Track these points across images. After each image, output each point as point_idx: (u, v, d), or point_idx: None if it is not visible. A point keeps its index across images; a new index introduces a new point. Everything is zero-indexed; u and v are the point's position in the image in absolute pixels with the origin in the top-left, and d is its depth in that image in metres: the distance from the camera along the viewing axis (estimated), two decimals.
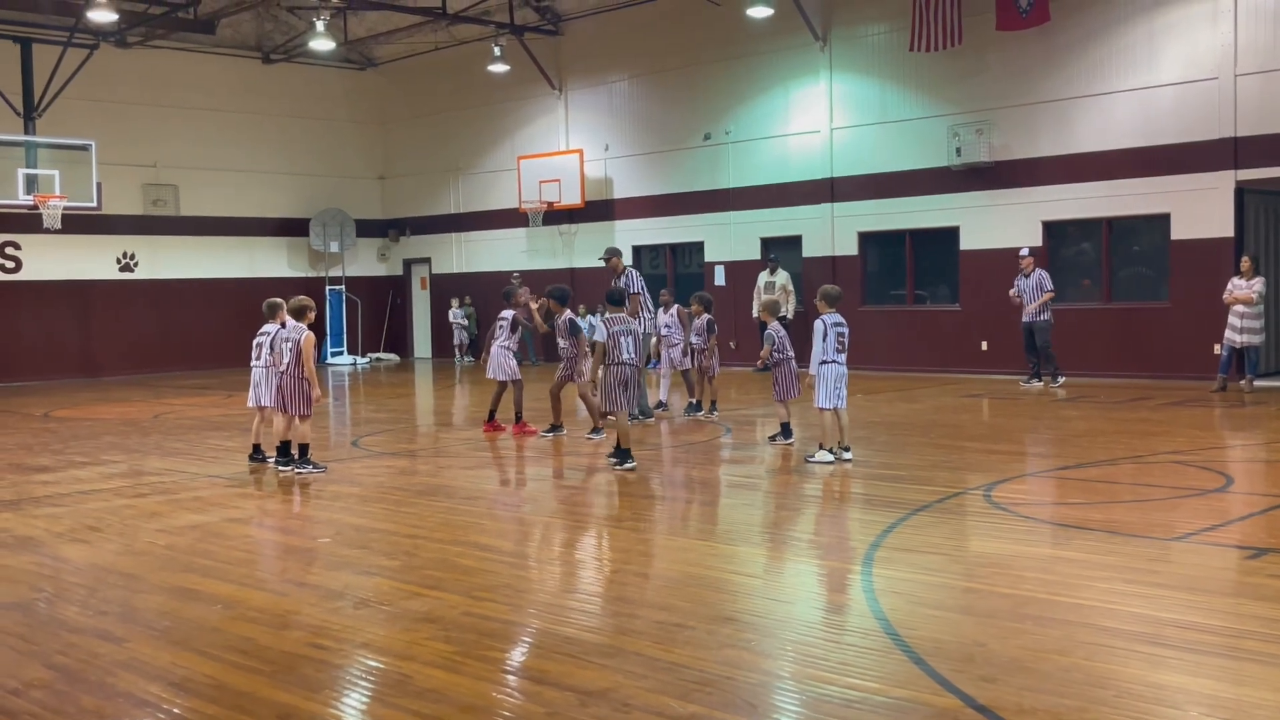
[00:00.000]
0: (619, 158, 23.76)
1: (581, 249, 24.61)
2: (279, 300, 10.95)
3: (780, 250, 21.45)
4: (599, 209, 23.97)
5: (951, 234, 19.30)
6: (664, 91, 22.93)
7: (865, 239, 20.49)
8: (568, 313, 12.67)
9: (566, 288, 13.26)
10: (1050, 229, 18.36)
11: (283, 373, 10.21)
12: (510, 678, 4.81)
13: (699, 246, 22.74)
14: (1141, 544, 6.84)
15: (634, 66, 23.38)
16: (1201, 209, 16.70)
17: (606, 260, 14.17)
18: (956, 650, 4.88)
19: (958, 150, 18.81)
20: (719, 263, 22.18)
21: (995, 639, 5.03)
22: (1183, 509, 8.16)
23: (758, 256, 21.57)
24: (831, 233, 20.69)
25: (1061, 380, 16.95)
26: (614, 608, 5.84)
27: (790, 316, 20.30)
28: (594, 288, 23.74)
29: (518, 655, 5.13)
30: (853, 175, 20.34)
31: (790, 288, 20.55)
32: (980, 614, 5.44)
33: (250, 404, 11.03)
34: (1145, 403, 14.53)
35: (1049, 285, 16.92)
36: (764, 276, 20.73)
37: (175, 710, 4.48)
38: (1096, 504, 8.30)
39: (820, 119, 20.67)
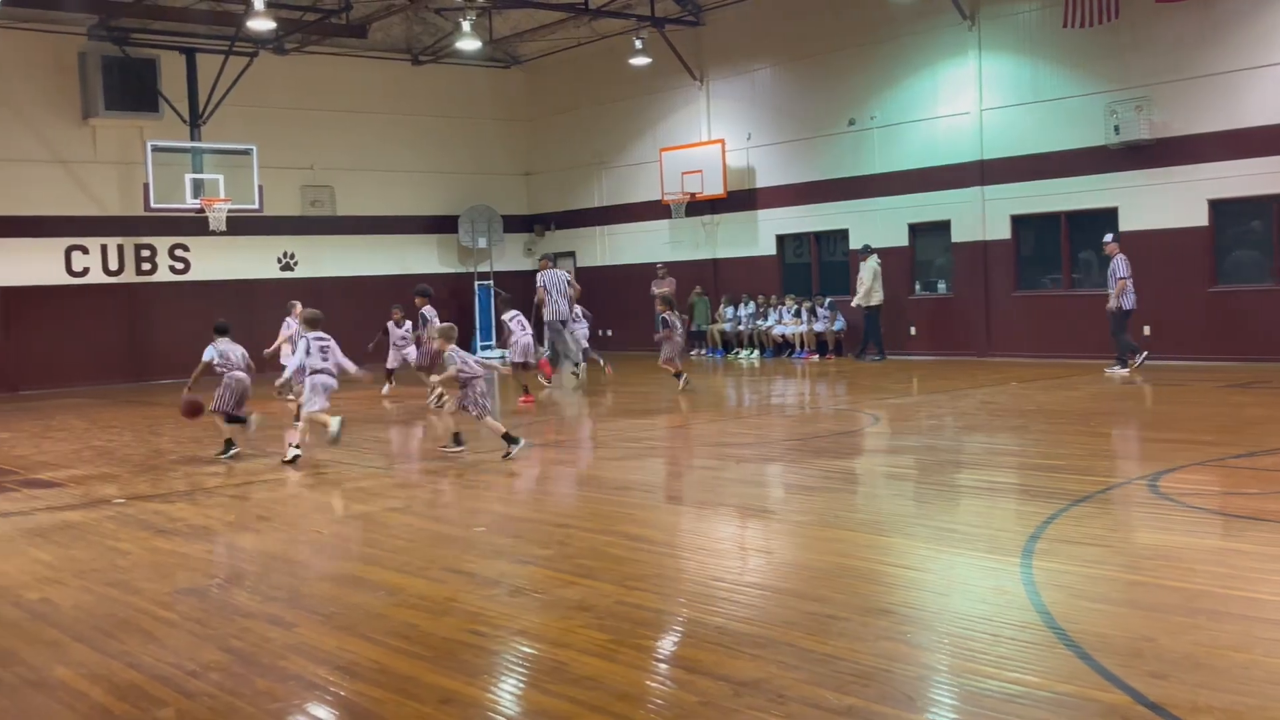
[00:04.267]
0: (761, 146, 23.68)
1: (725, 239, 24.60)
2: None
3: (928, 235, 21.10)
4: (741, 198, 23.92)
5: (1110, 215, 18.66)
6: (806, 78, 22.75)
7: (1018, 222, 19.97)
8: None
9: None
10: (1216, 207, 17.60)
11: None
12: (663, 666, 4.82)
13: (843, 234, 22.49)
14: None
15: (775, 55, 23.26)
16: None
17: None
18: (1124, 645, 4.71)
19: (1116, 128, 18.18)
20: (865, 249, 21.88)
21: (1165, 634, 4.84)
22: None
23: (905, 243, 21.22)
24: (983, 216, 20.22)
25: (1132, 366, 16.51)
26: (765, 598, 5.82)
27: (872, 303, 20.48)
28: (736, 277, 23.74)
29: (670, 644, 5.14)
30: (1004, 157, 19.84)
31: (871, 278, 20.42)
32: (1148, 608, 5.27)
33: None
34: None
35: (1122, 272, 16.56)
36: (864, 265, 20.57)
37: (343, 693, 4.59)
38: (1272, 494, 7.92)
39: (969, 100, 20.23)
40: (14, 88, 21.76)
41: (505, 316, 17.30)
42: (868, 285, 20.52)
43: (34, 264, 22.09)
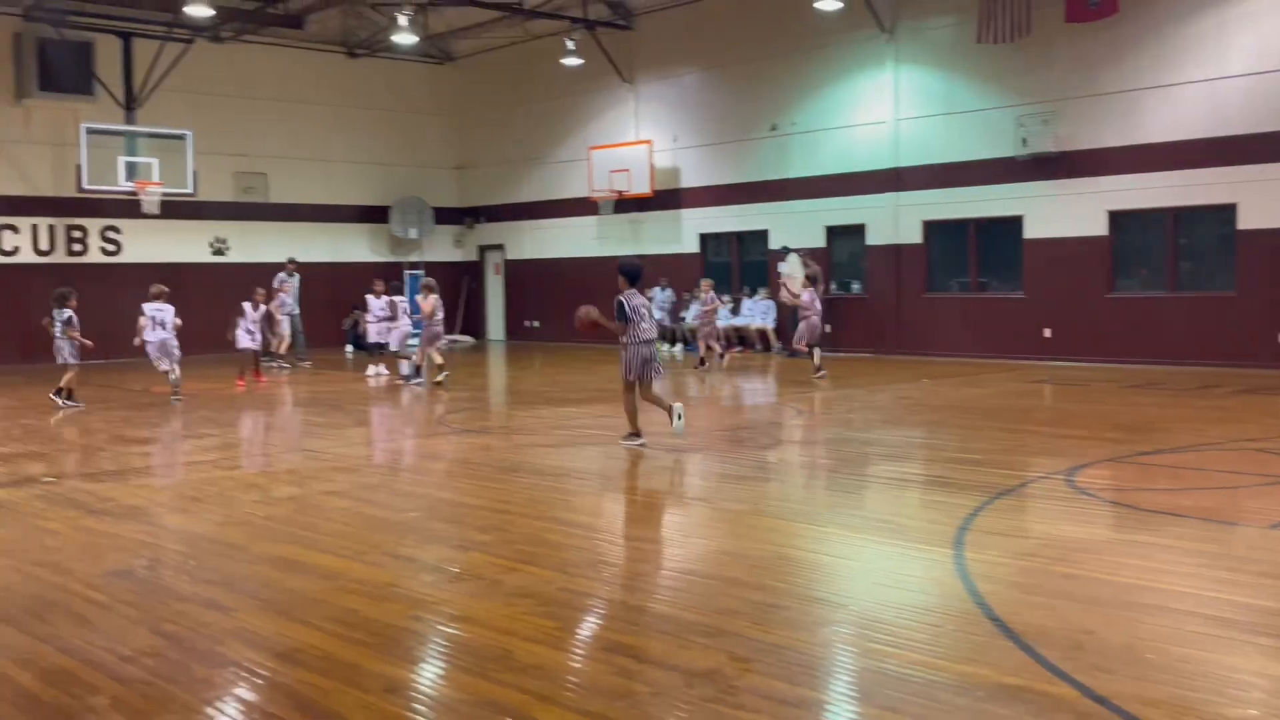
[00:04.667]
0: (687, 148, 24.34)
1: (650, 236, 25.23)
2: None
3: (844, 238, 21.92)
4: (667, 198, 24.56)
5: (1016, 223, 19.59)
6: (732, 84, 23.43)
7: (930, 227, 20.82)
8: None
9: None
10: (1116, 218, 18.57)
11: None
12: (612, 655, 4.75)
13: (763, 235, 23.23)
14: (1239, 531, 6.82)
15: (703, 59, 23.91)
16: (1270, 199, 16.82)
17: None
18: (1064, 638, 4.78)
19: (1024, 140, 19.09)
20: (784, 250, 22.63)
21: (1103, 626, 4.93)
22: (1274, 496, 8.11)
23: (823, 244, 22.00)
24: (896, 221, 21.06)
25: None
26: (708, 586, 5.80)
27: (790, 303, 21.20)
28: (661, 274, 24.37)
29: (617, 632, 5.10)
30: (918, 165, 20.69)
31: (796, 274, 21.21)
32: (1083, 600, 5.35)
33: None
34: (1214, 390, 14.63)
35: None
36: (784, 264, 21.37)
37: (284, 680, 4.51)
38: (1185, 490, 8.25)
39: (886, 110, 21.04)
40: None
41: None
42: (799, 281, 21.19)
43: None
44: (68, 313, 14.71)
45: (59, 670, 4.67)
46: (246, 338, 18.09)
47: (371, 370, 18.57)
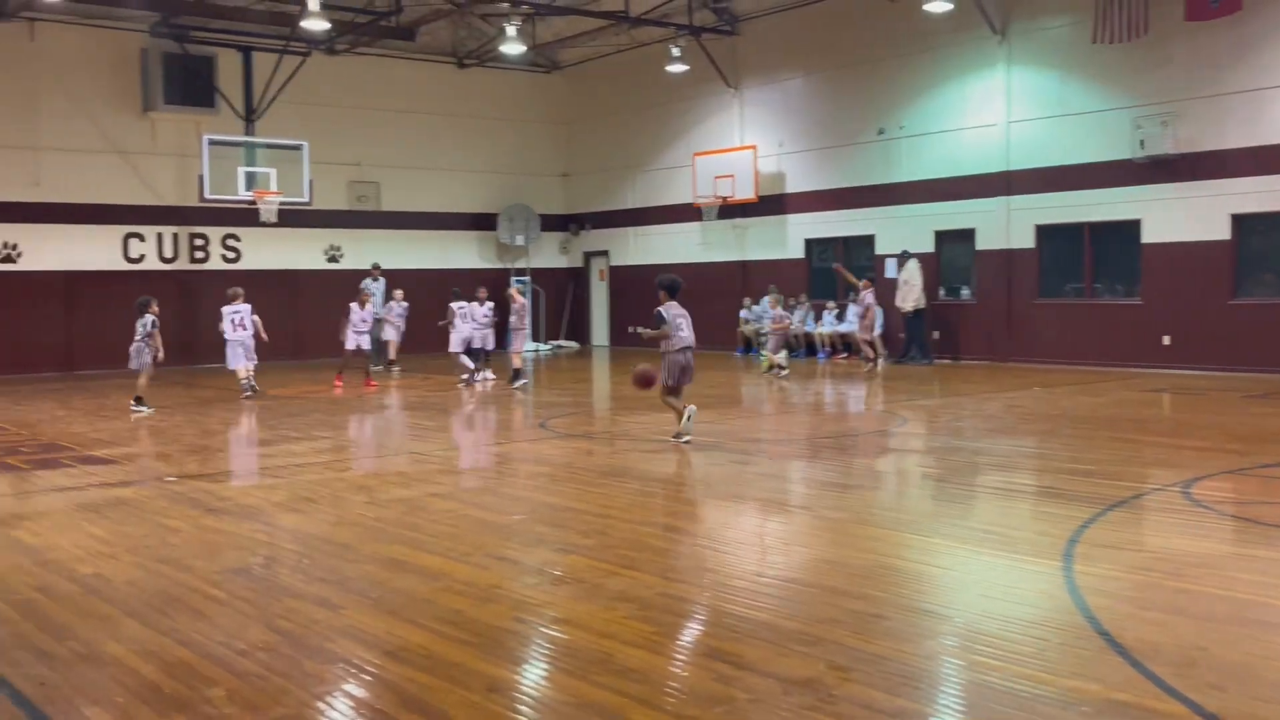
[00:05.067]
0: (792, 153, 24.21)
1: (754, 242, 25.16)
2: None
3: (953, 243, 21.57)
4: (771, 203, 24.46)
5: (1133, 226, 19.03)
6: (838, 87, 23.25)
7: (1042, 232, 20.36)
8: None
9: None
10: (1240, 222, 17.92)
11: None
12: (710, 661, 4.76)
13: (870, 239, 22.98)
14: None
15: (808, 64, 23.77)
16: None
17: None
18: (1176, 653, 4.67)
19: (1141, 142, 18.54)
20: (890, 255, 22.39)
21: (1217, 644, 4.81)
22: None
23: (932, 249, 21.67)
24: (1007, 226, 20.64)
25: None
26: (808, 594, 5.79)
27: (909, 309, 20.60)
28: (765, 279, 24.26)
29: (717, 639, 5.08)
30: (1030, 168, 20.24)
31: (915, 280, 20.75)
32: (1196, 616, 5.22)
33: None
34: None
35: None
36: (903, 270, 20.96)
37: (391, 678, 4.62)
38: None
39: (997, 112, 20.64)
40: (79, 81, 22.75)
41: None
42: (915, 289, 20.88)
43: (94, 250, 23.09)
44: (149, 319, 15.21)
45: (179, 663, 4.84)
46: (355, 339, 18.60)
47: (479, 375, 18.88)
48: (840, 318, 23.05)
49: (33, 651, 5.03)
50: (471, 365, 18.40)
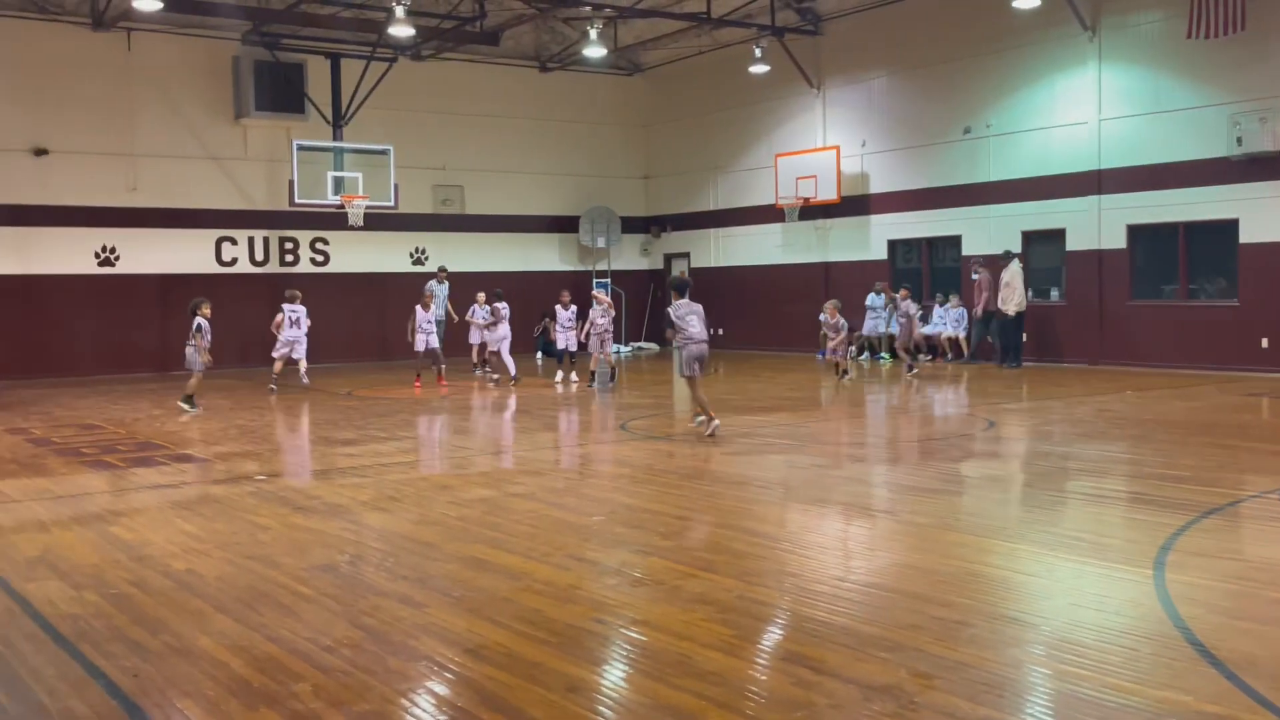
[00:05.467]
0: (875, 153, 23.96)
1: (837, 243, 24.95)
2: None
3: (1042, 244, 21.15)
4: (854, 204, 24.24)
5: (1230, 226, 18.48)
6: (923, 86, 22.95)
7: (1135, 232, 19.87)
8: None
9: None
10: None
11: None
12: (789, 665, 4.72)
13: (956, 240, 22.64)
14: None
15: (893, 63, 23.51)
16: None
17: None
18: (1273, 665, 4.54)
19: (1238, 139, 17.99)
20: (975, 256, 22.03)
21: None
22: None
23: (1020, 249, 21.28)
24: (1098, 225, 20.18)
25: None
26: (890, 600, 5.73)
27: (1012, 312, 20.13)
28: (848, 281, 24.03)
29: (796, 643, 5.05)
30: (1122, 167, 19.77)
31: (1016, 282, 20.28)
32: None
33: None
34: None
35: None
36: (1005, 271, 20.50)
37: (472, 676, 4.67)
38: None
39: (1088, 110, 20.19)
40: (173, 89, 23.40)
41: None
42: (1017, 291, 20.41)
43: (188, 253, 23.73)
44: (199, 321, 15.50)
45: (267, 657, 4.94)
46: (423, 340, 18.90)
47: (559, 376, 19.01)
48: (925, 320, 22.74)
49: (127, 644, 5.18)
50: (512, 366, 18.94)
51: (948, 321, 22.35)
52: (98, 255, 22.85)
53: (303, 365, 18.63)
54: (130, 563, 6.80)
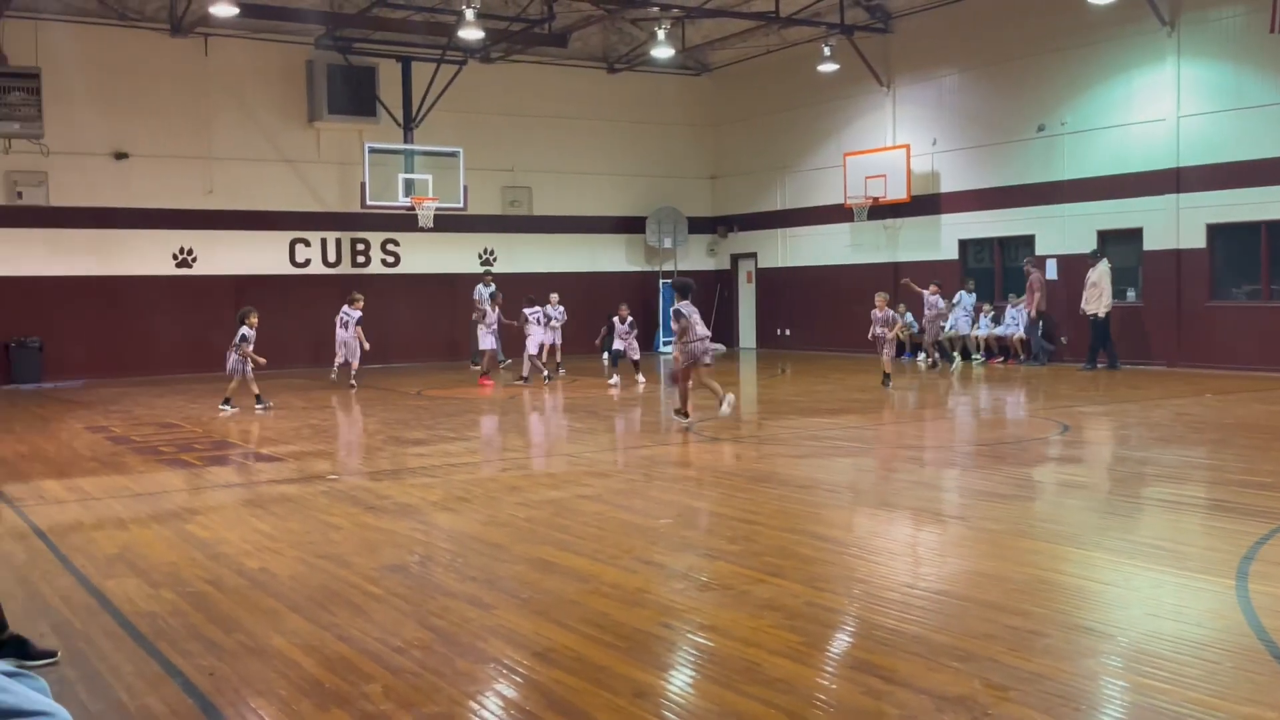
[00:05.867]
0: (946, 151, 23.65)
1: (906, 243, 24.68)
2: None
3: (1118, 244, 20.72)
4: (925, 203, 23.95)
5: None
6: (995, 84, 22.61)
7: (1215, 231, 19.38)
8: None
9: None
10: None
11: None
12: (859, 674, 4.65)
13: (1029, 240, 22.27)
14: None
15: (965, 60, 23.19)
16: None
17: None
18: None
19: None
20: (1050, 256, 21.67)
21: None
22: None
23: (1095, 249, 20.86)
24: (1176, 225, 19.72)
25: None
26: (961, 608, 5.59)
27: (1101, 314, 19.72)
28: (917, 281, 23.75)
29: (866, 651, 4.97)
30: (1202, 164, 19.29)
31: (1105, 284, 19.84)
32: None
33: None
34: None
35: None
36: (1093, 272, 20.07)
37: (540, 680, 4.67)
38: None
39: (1166, 107, 19.73)
40: (249, 93, 23.84)
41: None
42: (1104, 291, 19.98)
43: (262, 254, 24.16)
44: (244, 330, 15.83)
45: (339, 657, 4.99)
46: (485, 339, 19.13)
47: (614, 379, 18.90)
48: (997, 320, 22.41)
49: (203, 642, 5.27)
50: (543, 368, 19.75)
51: (1020, 322, 21.98)
52: (175, 256, 23.36)
53: (351, 368, 19.06)
54: (206, 561, 6.92)
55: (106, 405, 17.22)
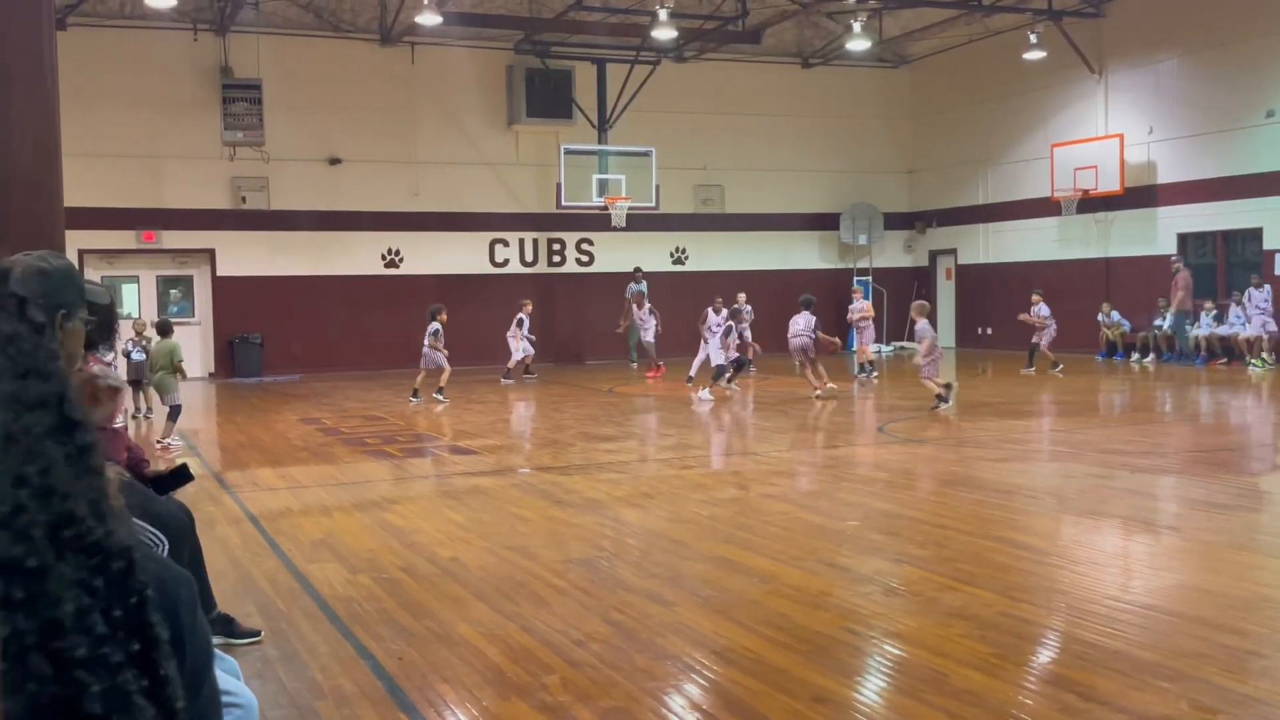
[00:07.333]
0: (1163, 140, 22.31)
1: (1119, 237, 23.43)
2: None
3: None
4: (1139, 195, 22.65)
5: None
6: (1218, 68, 21.17)
7: None
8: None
9: None
10: None
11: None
12: (1055, 690, 4.43)
13: (1256, 233, 20.77)
14: None
15: (1184, 44, 21.81)
16: None
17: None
18: None
19: None
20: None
21: None
22: None
23: None
24: None
25: None
26: (1170, 624, 5.28)
27: None
28: (1130, 278, 22.54)
29: (1061, 665, 4.77)
30: None
31: None
32: None
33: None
34: None
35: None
36: None
37: (717, 679, 4.63)
38: None
39: None
40: (452, 98, 24.68)
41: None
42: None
43: (463, 254, 24.96)
44: (435, 326, 16.19)
45: (521, 648, 5.06)
46: (643, 332, 19.65)
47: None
48: (1220, 319, 21.00)
49: (394, 627, 5.44)
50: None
51: (1243, 321, 20.52)
52: (384, 257, 24.40)
53: (509, 363, 19.89)
54: (401, 549, 7.16)
55: (320, 398, 18.15)
